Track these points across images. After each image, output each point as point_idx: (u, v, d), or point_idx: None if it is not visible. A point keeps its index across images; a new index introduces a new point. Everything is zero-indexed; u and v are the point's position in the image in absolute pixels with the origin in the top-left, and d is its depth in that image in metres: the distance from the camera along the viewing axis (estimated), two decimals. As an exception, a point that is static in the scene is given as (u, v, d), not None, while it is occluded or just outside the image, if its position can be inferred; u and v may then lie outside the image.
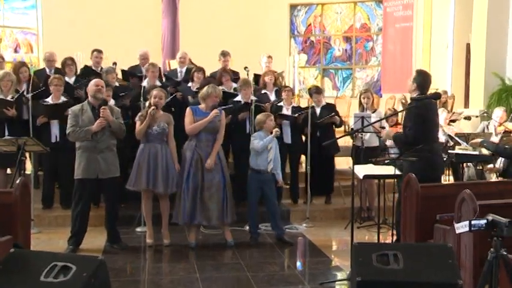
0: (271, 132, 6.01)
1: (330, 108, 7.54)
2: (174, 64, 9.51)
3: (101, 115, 5.50)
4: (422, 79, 5.38)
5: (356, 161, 6.57)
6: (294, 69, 9.96)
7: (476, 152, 6.94)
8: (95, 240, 5.90)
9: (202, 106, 5.84)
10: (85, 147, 5.56)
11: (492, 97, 9.62)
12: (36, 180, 7.07)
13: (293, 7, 14.24)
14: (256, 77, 8.18)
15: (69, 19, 12.11)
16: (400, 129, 6.94)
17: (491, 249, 3.01)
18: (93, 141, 5.53)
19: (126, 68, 8.54)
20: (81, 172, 5.56)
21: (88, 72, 7.85)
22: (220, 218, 5.79)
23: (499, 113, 8.12)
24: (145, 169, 5.71)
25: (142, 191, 5.89)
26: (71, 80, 7.52)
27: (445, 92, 9.52)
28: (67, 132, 5.61)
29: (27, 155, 6.54)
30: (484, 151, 6.84)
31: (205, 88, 5.92)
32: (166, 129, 5.84)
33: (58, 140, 6.73)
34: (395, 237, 5.55)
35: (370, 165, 5.70)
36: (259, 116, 6.16)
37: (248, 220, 6.20)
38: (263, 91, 7.66)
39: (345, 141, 7.97)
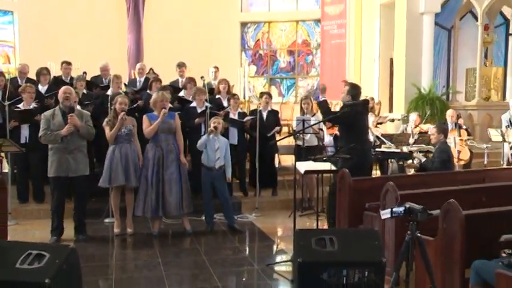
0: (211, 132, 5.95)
1: (275, 113, 7.71)
2: (139, 74, 9.35)
3: (68, 121, 5.37)
4: (355, 91, 5.67)
5: (298, 159, 6.63)
6: (245, 79, 10.01)
7: (398, 150, 7.17)
8: (68, 230, 5.72)
9: (155, 112, 5.75)
10: (56, 148, 5.44)
11: (411, 103, 9.99)
12: (13, 178, 6.83)
13: (243, 24, 14.29)
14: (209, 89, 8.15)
15: (42, 34, 11.80)
16: (335, 131, 7.10)
17: (408, 232, 3.14)
18: (63, 143, 5.41)
19: (88, 79, 8.21)
20: (53, 171, 5.45)
21: (58, 82, 7.58)
22: (178, 209, 5.74)
23: (413, 117, 8.50)
24: (121, 167, 5.63)
25: (116, 187, 5.77)
26: (44, 87, 7.34)
27: (373, 99, 9.75)
28: (39, 135, 5.48)
29: (3, 154, 6.33)
30: (405, 149, 7.09)
31: (153, 95, 5.88)
32: (132, 130, 5.82)
33: (27, 141, 6.55)
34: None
35: (310, 162, 5.74)
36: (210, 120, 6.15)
37: (204, 211, 6.17)
38: (217, 96, 7.66)
39: (288, 141, 8.05)
